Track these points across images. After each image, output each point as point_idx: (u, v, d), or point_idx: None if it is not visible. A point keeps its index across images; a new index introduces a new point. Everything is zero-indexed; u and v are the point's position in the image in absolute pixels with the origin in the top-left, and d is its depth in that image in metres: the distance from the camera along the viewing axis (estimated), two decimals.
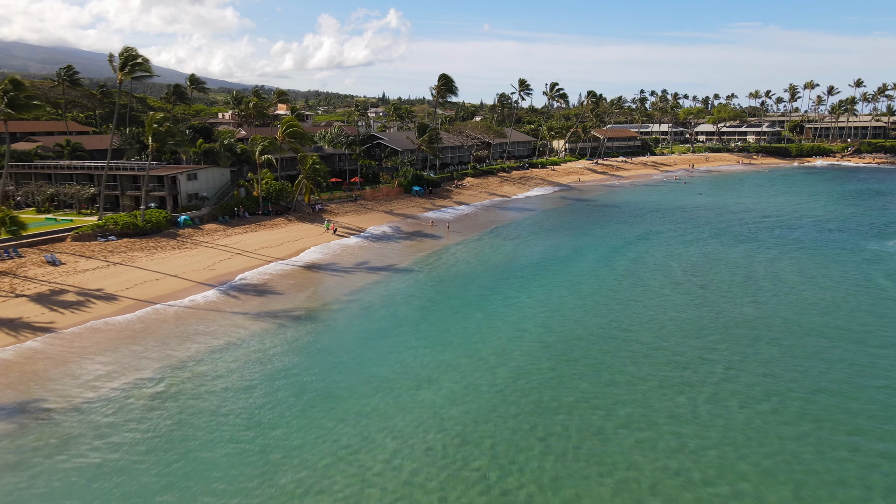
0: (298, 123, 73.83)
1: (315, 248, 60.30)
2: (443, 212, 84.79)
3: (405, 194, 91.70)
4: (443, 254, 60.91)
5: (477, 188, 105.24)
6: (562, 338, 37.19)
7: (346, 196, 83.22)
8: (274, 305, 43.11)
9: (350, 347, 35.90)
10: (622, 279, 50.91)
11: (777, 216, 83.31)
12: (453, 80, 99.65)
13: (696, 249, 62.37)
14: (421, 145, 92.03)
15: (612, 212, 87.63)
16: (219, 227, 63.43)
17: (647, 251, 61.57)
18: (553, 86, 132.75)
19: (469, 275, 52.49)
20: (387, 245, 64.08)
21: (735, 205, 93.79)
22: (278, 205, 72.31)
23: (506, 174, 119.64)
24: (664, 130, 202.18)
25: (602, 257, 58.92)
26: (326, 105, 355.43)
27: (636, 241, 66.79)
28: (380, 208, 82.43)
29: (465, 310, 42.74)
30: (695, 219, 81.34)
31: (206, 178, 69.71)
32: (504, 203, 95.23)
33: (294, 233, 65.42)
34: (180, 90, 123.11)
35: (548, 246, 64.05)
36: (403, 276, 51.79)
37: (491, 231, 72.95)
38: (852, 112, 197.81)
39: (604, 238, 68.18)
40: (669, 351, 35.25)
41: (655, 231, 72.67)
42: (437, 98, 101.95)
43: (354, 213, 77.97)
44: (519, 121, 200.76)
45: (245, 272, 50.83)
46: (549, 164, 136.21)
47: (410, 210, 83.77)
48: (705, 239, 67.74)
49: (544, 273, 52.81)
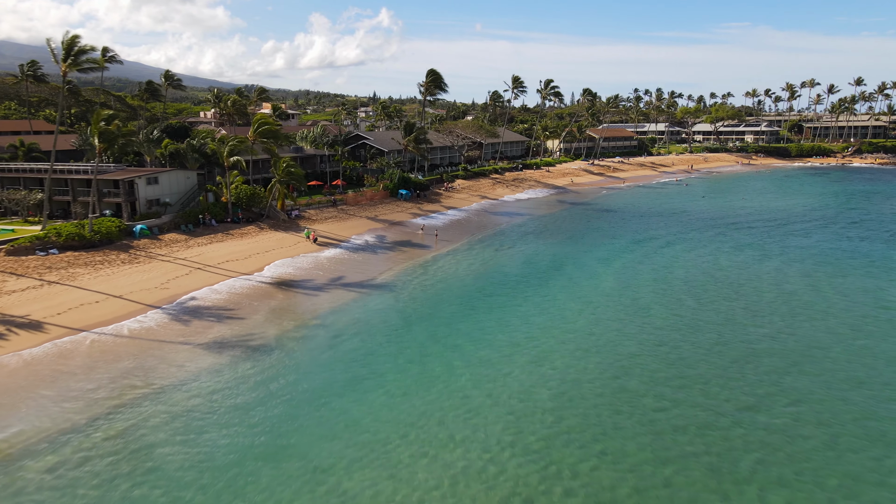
0: (272, 121, 67.60)
1: (286, 260, 54.14)
2: (431, 218, 78.79)
3: (391, 198, 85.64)
4: (429, 266, 54.94)
5: (468, 191, 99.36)
6: (564, 387, 31.30)
7: (327, 201, 77.05)
8: (228, 332, 36.99)
9: (310, 392, 29.82)
10: (631, 300, 45.11)
11: (792, 222, 77.84)
12: (442, 76, 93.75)
13: (710, 263, 56.69)
14: (407, 146, 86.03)
15: (614, 217, 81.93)
16: (180, 238, 57.13)
17: (655, 266, 55.83)
18: (548, 83, 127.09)
19: (457, 293, 46.51)
20: (367, 256, 58.00)
21: (742, 209, 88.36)
22: (250, 211, 66.08)
23: (498, 176, 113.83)
24: (660, 130, 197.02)
25: (607, 272, 53.11)
26: (316, 104, 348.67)
27: (642, 252, 61.09)
28: (363, 214, 76.31)
29: (451, 339, 36.77)
30: (702, 226, 75.75)
31: (170, 182, 63.36)
32: (497, 207, 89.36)
33: (265, 243, 59.22)
34: (153, 87, 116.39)
35: (545, 258, 58.19)
36: (383, 295, 45.76)
37: (482, 240, 67.04)
38: (851, 111, 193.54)
39: (607, 249, 62.42)
40: (718, 430, 29.42)
41: (662, 241, 67.01)
42: (426, 95, 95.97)
43: (335, 220, 71.81)
44: (512, 120, 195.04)
45: (202, 291, 44.62)
46: (543, 164, 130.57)
47: (396, 216, 77.72)
48: (718, 250, 62.08)
49: (542, 292, 46.92)
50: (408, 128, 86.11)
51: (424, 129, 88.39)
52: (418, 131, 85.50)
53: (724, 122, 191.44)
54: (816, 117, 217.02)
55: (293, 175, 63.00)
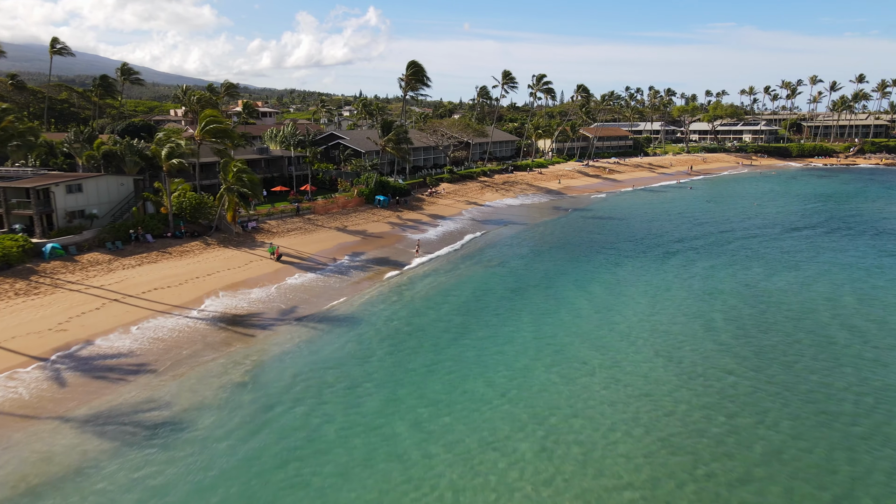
0: (223, 118, 57.62)
1: (233, 285, 44.38)
2: (411, 229, 69.24)
3: (366, 205, 75.97)
4: (404, 292, 45.44)
5: (454, 196, 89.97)
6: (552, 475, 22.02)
7: (291, 209, 67.20)
8: (121, 399, 27.38)
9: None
10: (667, 353, 35.94)
11: (818, 232, 69.26)
12: (424, 68, 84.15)
13: (735, 284, 47.72)
14: (385, 146, 76.42)
15: (617, 227, 72.88)
16: (103, 258, 47.15)
17: (680, 295, 46.73)
18: (540, 78, 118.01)
19: (435, 333, 37.08)
20: (332, 279, 48.35)
21: (758, 216, 79.74)
22: (196, 224, 56.20)
23: (487, 178, 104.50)
24: (655, 129, 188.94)
25: (620, 304, 43.91)
26: (300, 103, 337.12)
27: (661, 274, 52.00)
28: (332, 224, 66.57)
29: (420, 409, 27.38)
30: (721, 238, 66.91)
31: (98, 189, 53.30)
32: (486, 215, 79.99)
33: (210, 263, 49.39)
34: (107, 82, 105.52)
35: (543, 281, 48.89)
36: (343, 335, 36.22)
37: (469, 255, 57.65)
38: (851, 110, 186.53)
39: (616, 269, 53.27)
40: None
41: (681, 258, 58.02)
42: (407, 90, 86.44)
43: (299, 233, 62.03)
44: (501, 119, 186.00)
45: (111, 335, 34.82)
46: (535, 166, 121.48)
47: (371, 226, 68.06)
48: (749, 270, 53.14)
49: (541, 334, 37.62)
50: (385, 126, 76.53)
51: (404, 128, 78.87)
52: (397, 130, 75.95)
53: (723, 122, 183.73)
54: (812, 116, 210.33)
55: (245, 182, 53.14)
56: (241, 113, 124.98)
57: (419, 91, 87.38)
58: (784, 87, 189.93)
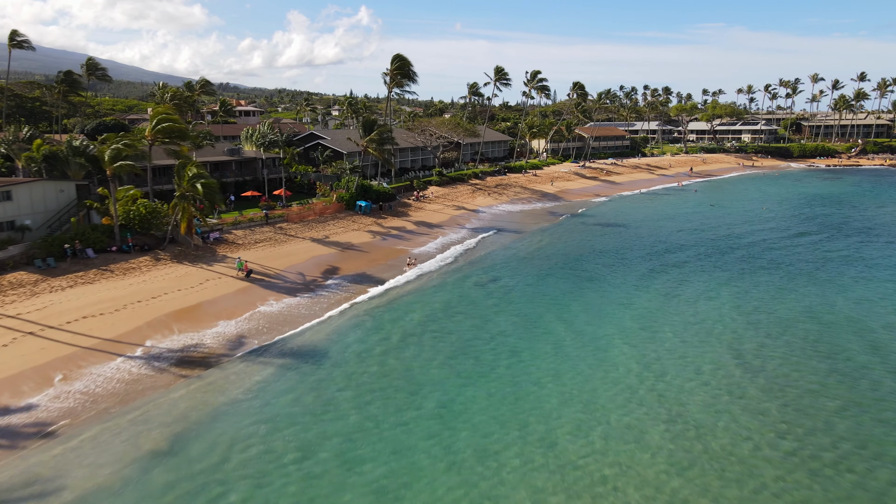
0: (176, 116, 50.79)
1: (182, 311, 37.74)
2: (395, 239, 62.76)
3: (346, 212, 69.38)
4: (382, 317, 39.00)
5: (443, 200, 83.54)
6: None
7: (261, 218, 60.50)
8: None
9: None
10: (670, 380, 29.70)
11: (847, 243, 63.37)
12: (410, 62, 77.58)
13: (771, 312, 41.58)
14: (367, 147, 69.83)
15: (620, 235, 66.69)
16: (29, 279, 40.35)
17: (709, 328, 40.54)
18: (534, 74, 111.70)
19: (415, 372, 30.67)
20: (299, 301, 41.79)
21: (772, 222, 73.83)
22: (148, 236, 49.45)
23: (478, 181, 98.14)
24: (652, 129, 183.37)
25: (640, 340, 37.64)
26: (289, 102, 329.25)
27: (681, 296, 45.81)
28: (306, 234, 59.94)
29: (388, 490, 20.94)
30: (744, 253, 60.88)
31: (31, 196, 46.45)
32: (477, 221, 73.56)
33: (157, 283, 42.67)
34: (72, 78, 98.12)
35: (542, 302, 42.60)
36: (300, 380, 29.72)
37: (458, 270, 51.24)
38: (851, 109, 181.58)
39: (627, 287, 47.04)
40: None
41: (703, 279, 51.91)
42: (392, 86, 79.90)
43: (268, 245, 55.37)
44: (493, 118, 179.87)
45: (8, 381, 28.13)
46: (529, 167, 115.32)
47: (350, 235, 61.49)
48: (786, 290, 47.05)
49: (543, 369, 31.31)
50: (367, 125, 69.94)
51: (388, 127, 72.30)
52: (380, 129, 69.38)
53: (721, 121, 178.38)
54: (810, 116, 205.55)
55: (204, 188, 46.40)
56: (219, 111, 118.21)
57: (405, 87, 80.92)
58: (784, 85, 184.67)
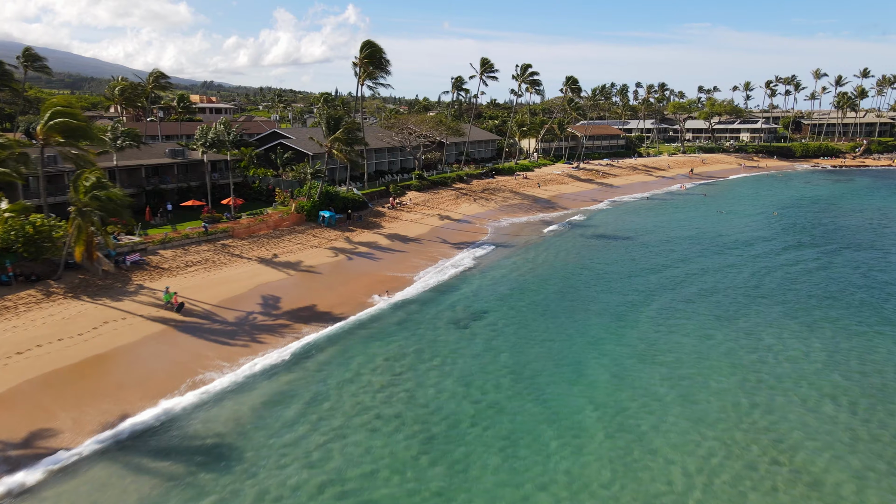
0: (77, 110, 40.15)
1: (45, 379, 27.47)
2: (363, 258, 52.70)
3: (308, 223, 59.19)
4: (329, 380, 29.04)
5: (423, 207, 73.58)
6: None
7: (198, 234, 50.06)
8: None
9: None
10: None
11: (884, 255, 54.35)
12: (382, 49, 67.33)
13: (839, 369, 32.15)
14: (331, 147, 59.62)
15: (629, 252, 57.17)
16: None
17: (761, 392, 31.03)
18: (525, 68, 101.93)
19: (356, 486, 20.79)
20: (218, 352, 31.69)
21: (788, 230, 64.71)
22: (42, 262, 38.97)
23: (463, 185, 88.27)
24: (648, 127, 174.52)
25: (688, 407, 28.01)
26: (270, 101, 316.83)
27: (721, 339, 36.31)
28: (254, 253, 49.70)
29: None
30: (772, 270, 51.63)
31: None
32: (460, 233, 63.69)
33: (32, 330, 32.27)
34: (2, 69, 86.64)
35: (544, 355, 32.88)
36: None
37: (435, 301, 41.32)
38: (853, 107, 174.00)
39: (653, 329, 37.45)
40: None
41: (735, 304, 42.47)
42: (363, 77, 69.70)
43: (203, 268, 45.09)
44: (481, 116, 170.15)
45: None
46: (519, 169, 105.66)
47: (308, 254, 51.31)
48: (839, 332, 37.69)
49: (553, 478, 21.55)
50: (332, 122, 59.68)
51: (357, 124, 62.12)
52: (348, 126, 59.18)
53: (721, 119, 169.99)
54: (807, 114, 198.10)
55: (105, 199, 35.99)
56: (177, 108, 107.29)
57: (378, 79, 70.74)
58: (785, 82, 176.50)
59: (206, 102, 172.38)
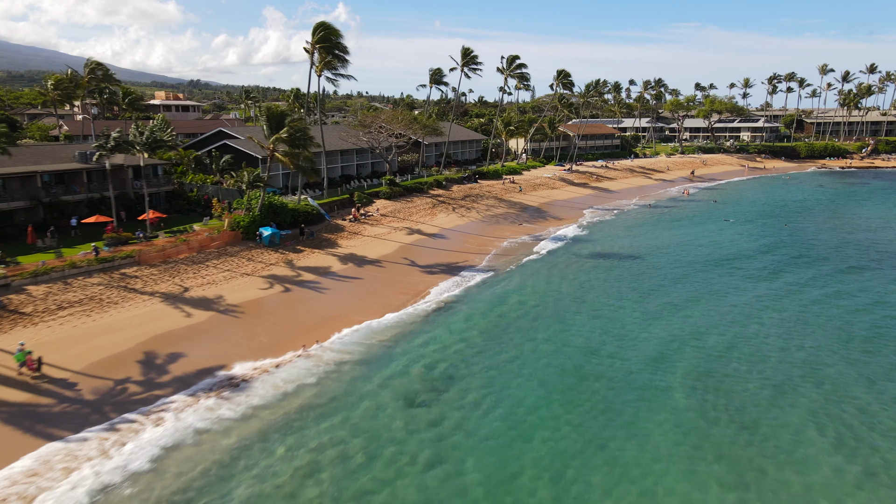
0: None
1: None
2: (307, 288, 41.99)
3: (245, 242, 48.38)
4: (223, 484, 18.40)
5: (392, 219, 63.01)
6: None
7: (88, 261, 39.04)
8: None
9: None
10: None
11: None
12: (339, 32, 56.52)
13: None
14: (273, 149, 48.88)
15: (638, 279, 46.86)
16: None
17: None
18: (511, 60, 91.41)
19: None
20: (79, 448, 20.93)
21: (814, 246, 54.70)
22: None
23: (442, 191, 77.76)
24: (643, 126, 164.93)
25: None
26: (254, 99, 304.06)
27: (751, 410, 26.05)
28: (161, 286, 38.83)
29: None
30: (827, 305, 41.54)
31: None
32: (432, 252, 53.13)
33: None
34: None
35: (535, 462, 22.41)
36: None
37: (382, 359, 30.71)
38: (857, 105, 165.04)
39: (680, 425, 27.14)
40: None
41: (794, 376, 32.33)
42: (320, 67, 59.02)
43: (79, 312, 34.17)
44: (467, 114, 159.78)
45: None
46: (506, 172, 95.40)
47: (232, 287, 40.52)
48: None
49: None
50: (273, 120, 48.88)
51: (303, 122, 51.37)
52: (293, 126, 48.43)
53: (720, 118, 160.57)
54: (807, 113, 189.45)
55: None
56: (121, 103, 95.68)
57: (338, 70, 60.07)
58: (787, 78, 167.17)
59: (172, 100, 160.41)
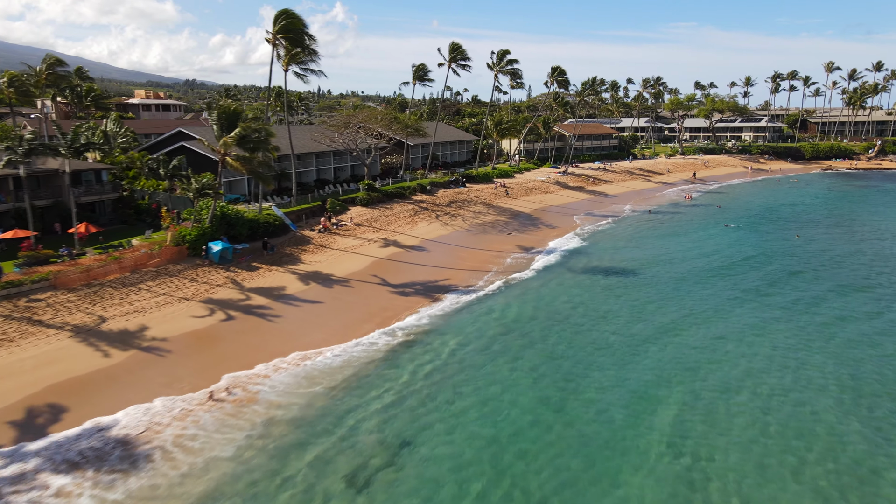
0: None
1: None
2: (249, 317, 35.86)
3: (193, 258, 42.26)
4: None
5: (367, 229, 56.95)
6: None
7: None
8: None
9: None
10: None
11: None
12: (303, 21, 50.42)
13: None
14: (224, 153, 42.75)
15: (644, 302, 40.85)
16: None
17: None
18: (502, 55, 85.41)
19: None
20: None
21: (842, 262, 48.77)
22: None
23: (426, 196, 71.74)
24: (642, 126, 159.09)
25: None
26: (246, 100, 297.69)
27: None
28: (74, 317, 32.64)
29: None
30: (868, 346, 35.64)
31: None
32: (408, 268, 47.01)
33: None
34: None
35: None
36: None
37: (333, 412, 24.64)
38: (862, 105, 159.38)
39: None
40: None
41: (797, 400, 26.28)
42: (286, 60, 52.97)
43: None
44: (459, 113, 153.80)
45: None
46: (497, 175, 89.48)
47: (160, 315, 34.38)
48: None
49: None
50: (225, 119, 42.76)
51: (257, 122, 45.31)
52: (246, 126, 42.31)
53: (722, 117, 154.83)
54: (808, 112, 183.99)
55: None
56: (83, 101, 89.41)
57: (307, 65, 54.05)
58: (790, 77, 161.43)
59: (152, 98, 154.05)
